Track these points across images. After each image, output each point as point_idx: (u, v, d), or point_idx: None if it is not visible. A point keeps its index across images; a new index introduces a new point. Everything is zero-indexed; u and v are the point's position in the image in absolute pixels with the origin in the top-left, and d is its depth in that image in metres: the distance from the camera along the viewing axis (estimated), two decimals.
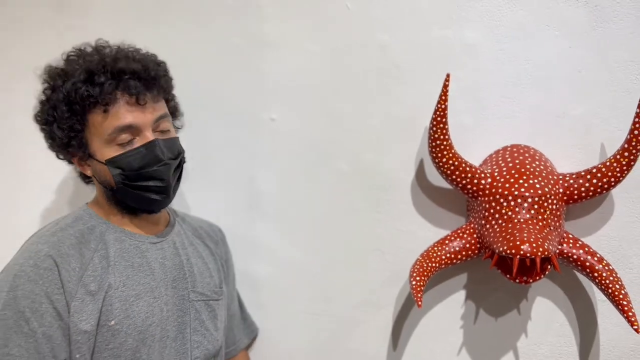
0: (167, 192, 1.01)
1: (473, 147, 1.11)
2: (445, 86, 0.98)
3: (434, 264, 1.04)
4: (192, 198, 1.33)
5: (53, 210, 1.43)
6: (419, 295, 1.00)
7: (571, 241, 1.01)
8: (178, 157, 1.03)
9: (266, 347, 1.31)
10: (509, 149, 1.07)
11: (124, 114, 0.96)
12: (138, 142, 0.98)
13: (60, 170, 1.33)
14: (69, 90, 0.96)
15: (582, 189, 0.99)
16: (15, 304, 0.89)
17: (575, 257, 1.00)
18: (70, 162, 1.07)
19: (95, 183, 1.04)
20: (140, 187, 0.99)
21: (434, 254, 1.05)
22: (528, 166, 1.01)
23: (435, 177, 1.15)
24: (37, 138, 1.06)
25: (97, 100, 0.95)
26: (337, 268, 1.24)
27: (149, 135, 0.98)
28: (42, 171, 1.40)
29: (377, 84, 1.16)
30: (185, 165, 1.07)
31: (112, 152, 0.97)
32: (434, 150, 1.02)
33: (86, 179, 1.09)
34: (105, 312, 0.94)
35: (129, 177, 0.97)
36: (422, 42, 1.12)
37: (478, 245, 1.04)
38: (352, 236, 1.22)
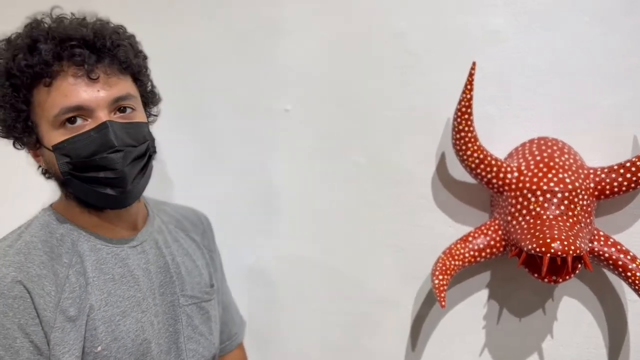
0: (122, 185, 0.84)
1: (498, 139, 1.06)
2: (470, 75, 0.93)
3: (457, 262, 1.00)
4: (204, 191, 1.29)
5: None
6: (442, 294, 0.96)
7: (602, 239, 0.96)
8: (141, 146, 0.87)
9: (279, 345, 1.28)
10: (536, 141, 1.02)
11: (71, 89, 0.81)
12: (90, 125, 0.82)
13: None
14: (7, 61, 0.82)
15: (615, 183, 0.94)
16: None
17: (606, 255, 0.95)
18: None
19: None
20: (90, 179, 0.83)
21: (457, 252, 1.01)
22: (557, 159, 0.96)
23: (456, 171, 1.10)
24: None
25: (37, 72, 0.80)
26: (352, 264, 1.20)
27: (102, 117, 0.82)
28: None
29: (395, 73, 1.11)
30: (191, 157, 0.97)
31: (58, 136, 0.82)
32: (458, 142, 0.98)
33: (47, 173, 0.92)
34: (90, 338, 0.82)
35: (77, 167, 0.82)
36: (443, 29, 1.07)
37: (503, 243, 1.00)
38: (369, 232, 1.18)
